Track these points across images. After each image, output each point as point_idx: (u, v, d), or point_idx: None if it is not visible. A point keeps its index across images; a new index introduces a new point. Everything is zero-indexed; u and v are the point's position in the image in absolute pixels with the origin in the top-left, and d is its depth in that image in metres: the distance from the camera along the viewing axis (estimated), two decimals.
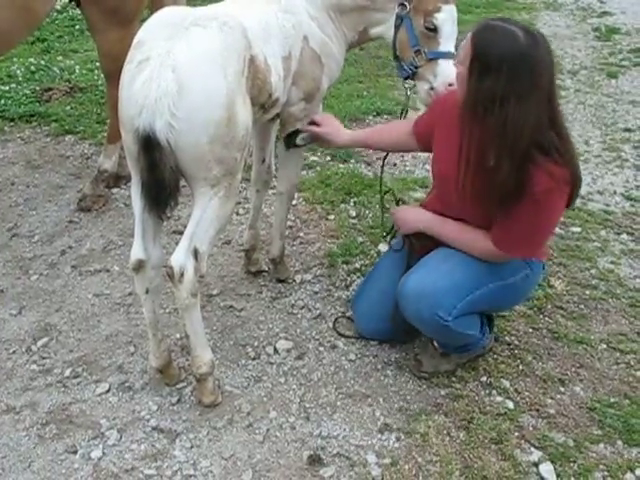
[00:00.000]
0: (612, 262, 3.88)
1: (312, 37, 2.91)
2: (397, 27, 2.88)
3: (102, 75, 4.64)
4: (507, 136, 2.36)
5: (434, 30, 2.81)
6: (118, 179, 4.35)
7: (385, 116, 5.68)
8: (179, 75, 2.27)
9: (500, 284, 2.75)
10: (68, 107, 5.52)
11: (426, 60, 2.85)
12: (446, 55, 2.83)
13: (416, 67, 2.87)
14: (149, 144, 2.28)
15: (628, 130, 5.97)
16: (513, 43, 2.31)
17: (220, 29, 2.41)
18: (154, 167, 2.30)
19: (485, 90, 2.35)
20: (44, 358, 3.02)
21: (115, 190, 4.35)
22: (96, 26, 3.83)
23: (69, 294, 3.42)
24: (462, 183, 2.51)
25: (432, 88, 2.89)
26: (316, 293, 3.46)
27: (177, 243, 2.56)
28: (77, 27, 7.50)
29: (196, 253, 2.48)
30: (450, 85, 2.77)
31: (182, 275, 2.46)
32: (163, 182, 2.31)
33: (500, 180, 2.42)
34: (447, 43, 2.84)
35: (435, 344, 3.01)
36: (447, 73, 2.79)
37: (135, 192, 2.51)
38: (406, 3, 2.81)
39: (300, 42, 2.86)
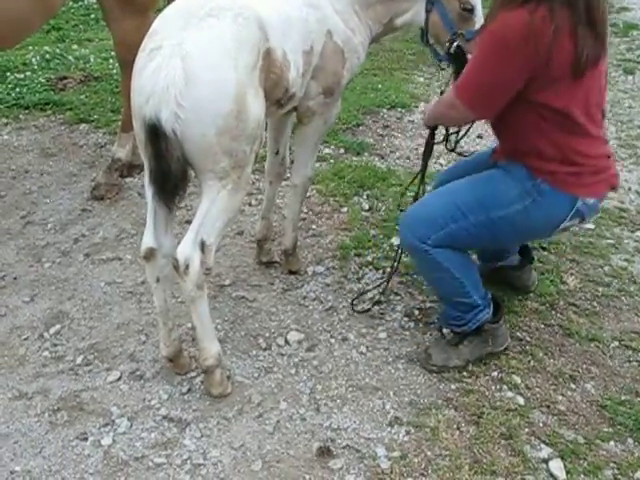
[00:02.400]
0: (626, 259, 3.85)
1: (336, 31, 2.89)
2: (428, 12, 2.93)
3: (117, 64, 4.65)
4: None
5: (471, 11, 2.88)
6: (132, 168, 4.36)
7: (399, 109, 5.66)
8: (187, 65, 2.25)
9: (483, 218, 2.68)
10: (83, 96, 5.54)
11: (465, 41, 2.88)
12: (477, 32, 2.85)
13: (450, 44, 2.90)
14: (155, 133, 2.27)
15: None
16: None
17: (234, 20, 2.38)
18: (160, 156, 2.29)
19: None
20: (56, 345, 3.03)
21: (129, 179, 4.36)
22: (111, 14, 3.83)
23: (81, 282, 3.44)
24: None
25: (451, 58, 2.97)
26: (328, 285, 3.46)
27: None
28: (92, 16, 7.53)
29: (203, 245, 2.47)
30: None
31: (187, 267, 2.45)
32: (169, 172, 2.30)
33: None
34: (480, 21, 2.88)
35: (446, 332, 3.03)
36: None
37: (146, 179, 2.50)
38: None
39: (323, 36, 2.84)
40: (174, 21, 2.37)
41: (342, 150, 4.86)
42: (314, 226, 3.95)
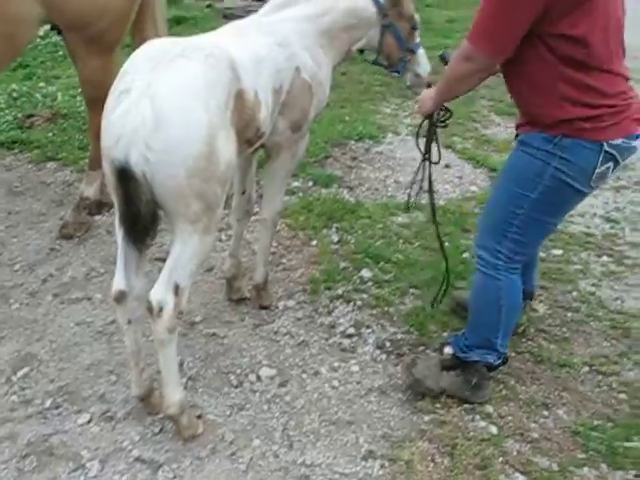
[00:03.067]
0: (593, 284, 3.91)
1: (304, 67, 2.93)
2: (382, 35, 3.13)
3: (84, 101, 4.64)
4: None
5: (415, 28, 3.21)
6: (100, 206, 4.34)
7: (367, 140, 5.72)
8: (157, 106, 2.22)
9: (529, 204, 2.66)
10: (50, 134, 5.51)
11: (411, 54, 3.24)
12: (420, 44, 3.28)
13: (405, 62, 3.25)
14: (124, 176, 2.25)
15: None
16: None
17: (205, 60, 2.37)
18: (129, 199, 2.27)
19: None
20: (24, 389, 2.98)
21: (97, 217, 4.33)
22: (77, 54, 3.83)
23: (50, 323, 3.39)
24: None
25: (417, 75, 3.31)
26: (299, 320, 3.46)
27: (159, 270, 2.55)
28: (60, 53, 7.51)
29: (176, 288, 2.45)
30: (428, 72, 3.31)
31: (161, 310, 2.44)
32: (139, 214, 2.28)
33: None
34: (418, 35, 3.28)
35: (447, 351, 3.04)
36: (424, 60, 3.30)
37: (116, 221, 2.49)
38: (388, 13, 3.10)
39: (292, 73, 2.88)
40: (144, 62, 2.36)
41: (311, 183, 4.88)
42: (284, 260, 3.95)
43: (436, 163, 3.31)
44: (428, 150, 3.23)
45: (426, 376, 2.99)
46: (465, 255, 4.10)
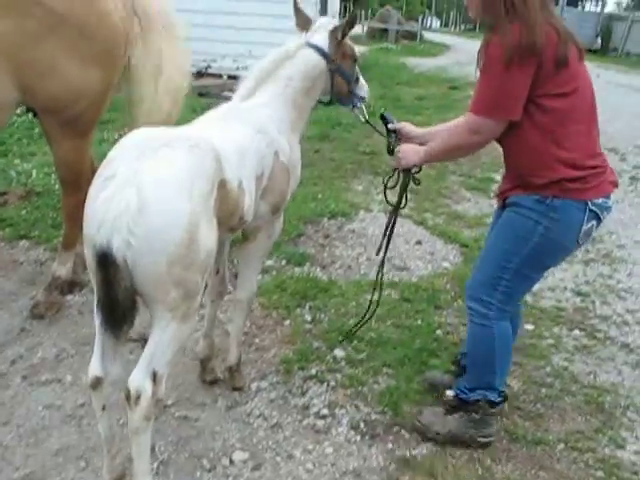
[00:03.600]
0: (566, 359, 3.95)
1: (281, 151, 3.02)
2: (332, 78, 3.27)
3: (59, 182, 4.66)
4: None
5: (356, 60, 3.38)
6: (72, 285, 4.32)
7: (340, 218, 5.80)
8: (142, 193, 2.24)
9: (520, 259, 2.91)
10: (24, 211, 5.51)
11: (356, 83, 3.40)
12: (358, 72, 3.43)
13: (356, 94, 3.41)
14: (105, 261, 2.24)
15: None
16: None
17: (190, 150, 2.41)
18: (109, 285, 2.26)
19: None
20: None
21: (69, 297, 4.30)
22: (53, 136, 3.86)
23: (18, 406, 3.32)
24: None
25: (362, 98, 3.45)
26: (272, 401, 3.42)
27: (130, 351, 2.53)
28: (36, 130, 7.57)
29: (155, 375, 2.43)
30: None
31: (139, 398, 2.41)
32: (118, 301, 2.27)
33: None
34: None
35: (449, 394, 3.25)
36: (364, 83, 3.47)
37: (95, 306, 2.46)
38: (334, 58, 3.23)
39: (272, 159, 2.96)
40: (130, 150, 2.38)
41: (284, 261, 4.92)
42: (257, 340, 3.94)
43: (402, 207, 3.48)
44: (400, 200, 3.40)
45: (433, 422, 3.21)
46: (438, 332, 4.12)
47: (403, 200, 3.40)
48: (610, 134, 10.25)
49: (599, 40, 31.60)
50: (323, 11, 13.12)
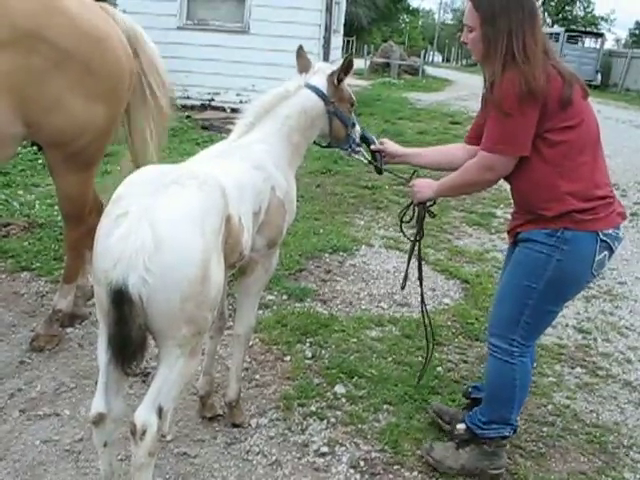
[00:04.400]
0: (568, 397, 3.93)
1: (278, 186, 3.06)
2: (330, 121, 3.33)
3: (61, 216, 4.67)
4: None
5: (354, 104, 3.44)
6: (73, 318, 4.31)
7: (341, 253, 5.81)
8: (157, 231, 2.26)
9: (538, 294, 2.95)
10: (26, 243, 5.52)
11: (352, 128, 3.44)
12: (354, 116, 3.48)
13: (353, 138, 3.45)
14: (121, 298, 2.24)
15: None
16: None
17: (200, 188, 2.44)
18: (123, 322, 2.26)
19: (497, 31, 2.86)
20: None
21: (69, 329, 4.29)
22: (56, 170, 3.87)
23: (15, 441, 3.29)
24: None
25: (358, 144, 3.50)
26: (272, 438, 3.39)
27: (130, 386, 2.51)
28: (40, 161, 7.64)
29: (160, 411, 2.42)
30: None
31: (144, 433, 2.39)
32: (130, 338, 2.26)
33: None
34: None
35: (460, 427, 3.29)
36: (359, 128, 3.51)
37: (101, 344, 2.46)
38: (332, 101, 3.29)
39: (269, 194, 3.00)
40: (140, 187, 2.40)
41: (285, 296, 4.91)
42: (257, 376, 3.91)
43: (420, 240, 3.58)
44: (418, 233, 3.51)
45: (445, 457, 3.23)
46: (439, 369, 4.10)
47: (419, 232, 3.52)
48: (611, 170, 10.20)
49: (599, 76, 31.89)
50: (326, 46, 13.25)
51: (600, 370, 4.31)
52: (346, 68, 3.28)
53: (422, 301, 3.77)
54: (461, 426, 3.30)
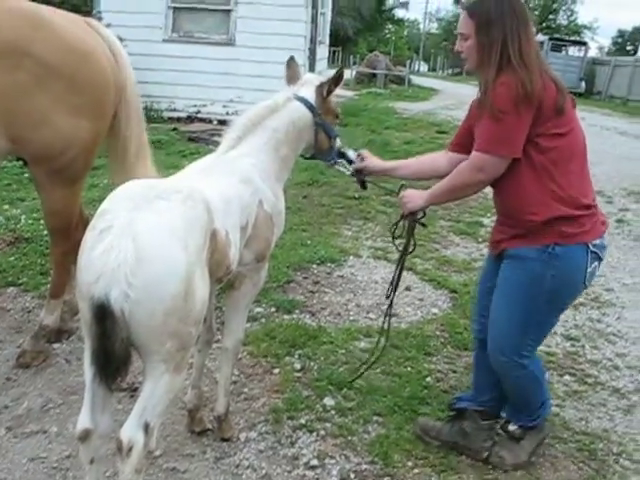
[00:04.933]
0: (557, 405, 3.93)
1: (265, 200, 3.06)
2: (316, 133, 3.31)
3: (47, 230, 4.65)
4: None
5: (338, 117, 3.45)
6: (60, 334, 4.27)
7: (329, 264, 5.81)
8: (139, 245, 2.26)
9: (539, 310, 3.07)
10: (12, 258, 5.49)
11: (334, 140, 3.43)
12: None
13: (336, 149, 3.45)
14: (103, 313, 2.24)
15: None
16: (499, 1, 2.96)
17: (183, 202, 2.43)
18: (105, 337, 2.25)
19: (492, 38, 2.93)
20: None
21: (56, 345, 4.26)
22: (42, 185, 3.86)
23: (1, 459, 3.25)
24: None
25: (341, 154, 3.50)
26: (261, 452, 3.37)
27: (118, 401, 2.49)
28: (25, 175, 7.57)
29: (147, 427, 2.41)
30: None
31: (131, 449, 2.37)
32: (113, 353, 2.26)
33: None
34: None
35: (511, 428, 3.40)
36: (340, 144, 3.49)
37: (87, 359, 2.45)
38: (320, 112, 3.29)
39: (256, 208, 2.99)
40: (124, 202, 2.40)
41: (273, 309, 4.90)
42: (246, 389, 3.89)
43: (412, 252, 3.57)
44: (408, 244, 3.48)
45: (516, 456, 3.37)
46: (428, 379, 4.10)
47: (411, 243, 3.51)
48: (596, 177, 10.29)
49: (583, 84, 32.14)
50: (312, 57, 13.31)
51: (589, 377, 4.32)
52: (336, 80, 3.29)
53: (390, 305, 3.72)
54: (513, 426, 3.41)
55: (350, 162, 3.50)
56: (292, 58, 3.46)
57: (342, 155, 3.49)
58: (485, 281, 3.39)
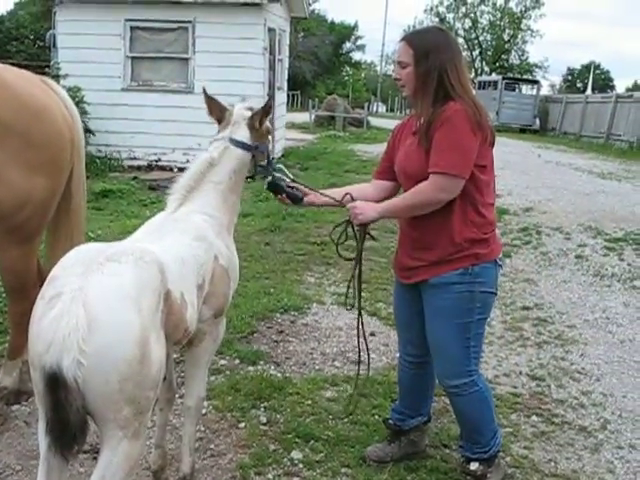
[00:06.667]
0: (525, 447, 3.93)
1: (220, 254, 3.03)
2: (253, 157, 3.31)
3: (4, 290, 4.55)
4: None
5: (270, 133, 3.47)
6: (19, 395, 4.15)
7: (292, 312, 5.77)
8: (90, 310, 2.20)
9: (471, 329, 3.27)
10: None
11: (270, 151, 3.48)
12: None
13: (271, 162, 3.45)
14: (55, 383, 2.17)
15: (526, 308, 6.30)
16: (436, 33, 3.26)
17: (135, 264, 2.38)
18: (59, 407, 2.18)
19: (430, 66, 3.11)
20: None
21: (15, 407, 4.13)
22: None
23: None
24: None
25: (276, 167, 3.50)
26: None
27: (80, 464, 2.41)
28: None
29: None
30: None
31: None
32: (68, 423, 2.19)
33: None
34: None
35: (472, 467, 3.45)
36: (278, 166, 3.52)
37: (41, 428, 2.37)
38: (256, 145, 3.30)
39: (212, 264, 2.95)
40: (74, 267, 2.34)
41: (237, 360, 4.82)
42: (212, 445, 3.80)
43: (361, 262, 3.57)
44: (360, 255, 3.48)
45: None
46: None
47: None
48: (554, 213, 10.55)
49: (537, 121, 32.92)
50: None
51: (555, 417, 4.33)
52: (266, 112, 3.30)
53: (359, 313, 3.74)
54: (474, 465, 3.45)
55: (293, 198, 3.46)
56: (211, 98, 3.39)
57: (280, 170, 3.49)
58: (403, 309, 3.56)
